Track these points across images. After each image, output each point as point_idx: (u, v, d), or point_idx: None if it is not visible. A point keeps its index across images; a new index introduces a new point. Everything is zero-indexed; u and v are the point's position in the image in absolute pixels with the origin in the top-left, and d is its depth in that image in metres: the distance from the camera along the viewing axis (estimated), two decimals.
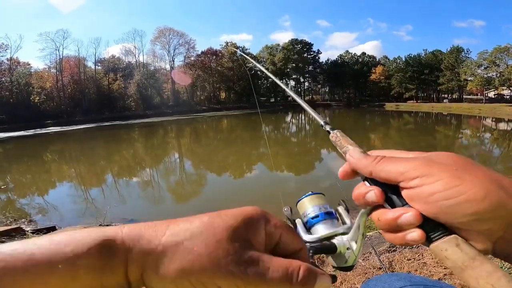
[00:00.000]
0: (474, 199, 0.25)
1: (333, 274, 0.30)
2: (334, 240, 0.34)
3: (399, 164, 0.29)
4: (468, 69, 43.49)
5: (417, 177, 0.27)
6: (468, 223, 0.26)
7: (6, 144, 22.06)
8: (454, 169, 0.27)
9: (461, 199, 0.25)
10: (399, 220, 0.28)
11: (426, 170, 0.27)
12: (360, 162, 0.32)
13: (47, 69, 42.88)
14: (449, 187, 0.26)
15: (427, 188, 0.27)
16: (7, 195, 7.92)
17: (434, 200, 0.26)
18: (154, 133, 25.59)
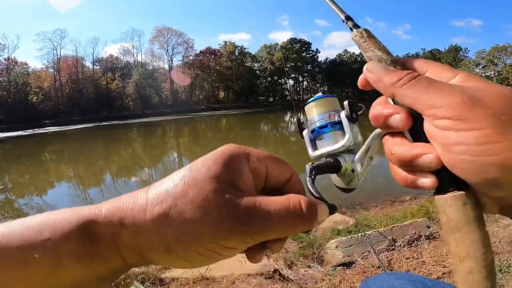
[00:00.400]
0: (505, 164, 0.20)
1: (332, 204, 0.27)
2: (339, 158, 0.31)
3: (435, 94, 0.22)
4: (466, 68, 43.60)
5: (449, 118, 0.21)
6: (484, 187, 0.22)
7: (4, 144, 21.99)
8: (501, 118, 0.20)
9: (491, 160, 0.20)
10: (417, 160, 0.24)
11: (463, 113, 0.21)
12: (382, 80, 0.26)
13: (44, 68, 42.79)
14: (483, 142, 0.20)
15: (455, 136, 0.21)
16: (5, 195, 7.92)
17: (458, 151, 0.21)
18: (153, 132, 25.54)
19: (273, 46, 57.42)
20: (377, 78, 0.26)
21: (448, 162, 0.22)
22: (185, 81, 48.14)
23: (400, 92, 0.24)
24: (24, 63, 41.56)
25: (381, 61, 0.27)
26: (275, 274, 2.31)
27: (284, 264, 2.44)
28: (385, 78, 0.25)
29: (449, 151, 0.22)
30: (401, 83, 0.24)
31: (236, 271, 2.26)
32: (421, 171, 0.24)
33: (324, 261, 2.42)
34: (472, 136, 0.21)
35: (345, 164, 0.30)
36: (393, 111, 0.25)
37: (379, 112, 0.26)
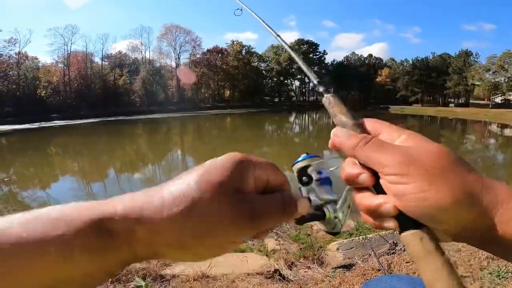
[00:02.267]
0: (440, 205, 0.27)
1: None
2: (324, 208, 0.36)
3: (382, 155, 0.29)
4: (476, 73, 43.06)
5: (395, 175, 0.28)
6: (430, 223, 0.28)
7: (11, 136, 22.30)
8: (430, 172, 0.27)
9: (429, 203, 0.27)
10: (379, 210, 0.30)
11: (404, 170, 0.28)
12: (344, 144, 0.32)
13: (54, 63, 43.32)
14: (419, 191, 0.27)
15: (401, 188, 0.28)
16: (9, 187, 7.99)
17: (406, 199, 0.28)
18: (158, 129, 25.69)
19: (280, 47, 57.13)
20: (342, 142, 0.32)
21: (402, 208, 0.29)
22: (191, 79, 48.34)
23: (358, 154, 0.30)
24: (34, 58, 42.17)
25: (344, 126, 0.33)
26: (275, 274, 2.30)
27: (284, 264, 2.43)
28: (347, 143, 0.31)
29: (400, 200, 0.28)
30: (359, 147, 0.30)
31: (237, 270, 2.26)
32: (384, 217, 0.30)
33: (324, 262, 2.41)
34: (411, 188, 0.27)
35: (329, 213, 0.35)
36: (359, 172, 0.31)
37: (349, 173, 0.31)
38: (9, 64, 37.35)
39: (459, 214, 0.27)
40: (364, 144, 0.30)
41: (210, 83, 53.15)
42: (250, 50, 55.21)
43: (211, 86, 53.49)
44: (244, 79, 53.22)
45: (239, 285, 2.09)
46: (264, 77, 57.74)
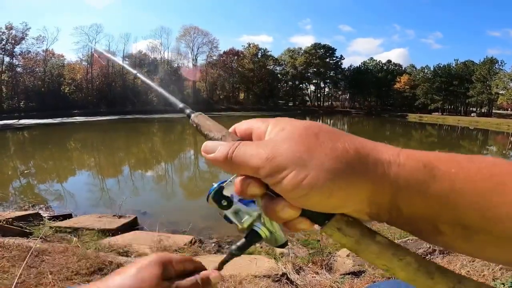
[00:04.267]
0: (323, 188, 0.24)
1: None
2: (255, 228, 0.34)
3: (250, 158, 0.26)
4: (500, 82, 41.38)
5: (270, 175, 0.25)
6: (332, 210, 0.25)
7: (33, 130, 23.29)
8: (298, 156, 0.25)
9: (314, 192, 0.24)
10: (281, 215, 0.27)
11: (273, 166, 0.25)
12: (216, 160, 0.28)
13: (79, 61, 45.08)
14: (297, 182, 0.24)
15: (280, 187, 0.25)
16: (28, 180, 8.28)
17: (292, 196, 0.25)
18: (173, 128, 26.15)
19: (297, 51, 57.21)
20: (213, 159, 0.28)
21: (298, 205, 0.26)
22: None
23: (234, 168, 0.27)
24: (60, 55, 44.10)
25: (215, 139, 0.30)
26: (282, 277, 2.28)
27: (292, 268, 2.40)
28: (217, 158, 0.28)
29: (291, 199, 0.25)
30: (229, 158, 0.27)
31: (244, 272, 2.25)
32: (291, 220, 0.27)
33: (332, 268, 2.36)
34: (287, 182, 0.24)
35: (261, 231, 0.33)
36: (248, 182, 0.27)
37: (238, 189, 0.28)
38: (36, 61, 39.13)
39: (347, 192, 0.24)
40: (231, 153, 0.27)
41: (225, 85, 53.66)
42: (266, 53, 55.41)
43: (226, 88, 54.00)
44: (259, 82, 53.41)
45: (246, 287, 2.08)
46: (279, 81, 57.74)
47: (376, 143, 0.26)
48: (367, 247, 0.25)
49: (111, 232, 3.67)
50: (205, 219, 4.98)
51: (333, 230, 0.26)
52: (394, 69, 57.84)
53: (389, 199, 0.24)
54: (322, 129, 0.26)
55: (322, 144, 0.25)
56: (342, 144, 0.25)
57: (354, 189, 0.24)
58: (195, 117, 0.35)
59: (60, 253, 2.37)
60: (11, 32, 36.19)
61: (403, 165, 0.24)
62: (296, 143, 0.25)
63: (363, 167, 0.24)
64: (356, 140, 0.26)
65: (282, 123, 0.28)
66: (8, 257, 2.20)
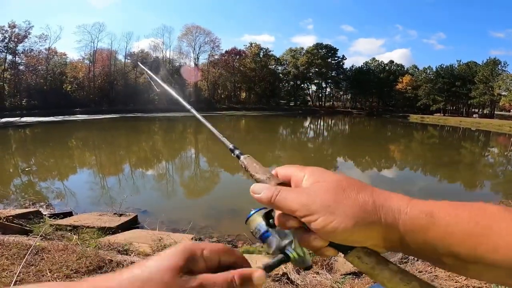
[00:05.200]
0: (345, 230, 0.31)
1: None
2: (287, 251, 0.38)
3: (290, 202, 0.34)
4: (503, 83, 41.21)
5: (304, 216, 0.33)
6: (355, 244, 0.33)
7: (35, 128, 23.32)
8: (328, 205, 0.32)
9: (338, 232, 0.32)
10: (312, 245, 0.34)
11: (309, 210, 0.33)
12: (262, 200, 0.36)
13: (81, 60, 45.17)
14: (326, 224, 0.32)
15: (314, 225, 0.33)
16: (29, 177, 8.31)
17: (323, 233, 0.33)
18: (174, 127, 26.17)
19: (298, 50, 57.13)
20: (260, 199, 0.36)
21: (327, 239, 0.33)
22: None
23: (275, 207, 0.36)
24: (63, 54, 44.20)
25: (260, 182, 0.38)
26: (283, 277, 2.26)
27: (292, 268, 2.39)
28: (263, 200, 0.36)
29: (321, 234, 0.33)
30: (272, 200, 0.35)
31: None
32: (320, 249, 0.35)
33: (333, 268, 2.35)
34: (320, 223, 0.32)
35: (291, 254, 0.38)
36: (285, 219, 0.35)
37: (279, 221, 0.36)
38: (38, 59, 39.22)
39: (365, 233, 0.32)
40: (275, 197, 0.35)
41: (227, 84, 53.65)
42: (268, 53, 55.36)
43: (227, 87, 53.99)
44: (261, 82, 53.37)
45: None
46: (281, 81, 57.69)
47: (391, 194, 0.33)
48: (380, 272, 0.32)
49: (111, 231, 3.66)
50: (206, 218, 4.98)
51: (354, 258, 0.33)
52: (396, 69, 57.66)
53: (399, 238, 0.31)
54: (349, 183, 0.34)
55: (347, 197, 0.33)
56: (363, 197, 0.32)
57: (370, 231, 0.32)
58: (244, 159, 0.42)
59: (60, 251, 2.36)
60: (14, 30, 36.32)
61: (409, 214, 0.31)
62: (327, 194, 0.33)
63: (378, 215, 0.31)
64: (374, 192, 0.33)
65: (317, 174, 0.36)
66: (7, 255, 2.19)
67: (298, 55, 55.98)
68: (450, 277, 1.92)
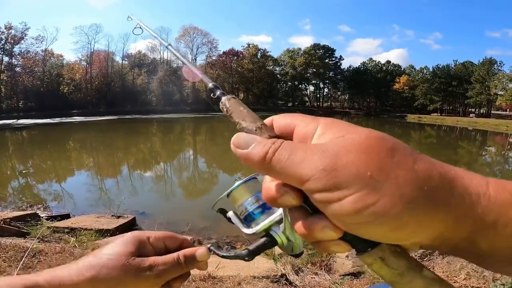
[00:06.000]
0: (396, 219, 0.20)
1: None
2: (272, 232, 0.31)
3: (299, 164, 0.21)
4: (499, 83, 41.49)
5: (322, 191, 0.21)
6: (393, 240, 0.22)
7: (32, 130, 23.21)
8: (368, 175, 0.20)
9: (381, 221, 0.20)
10: (318, 235, 0.23)
11: (331, 181, 0.20)
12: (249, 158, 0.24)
13: (78, 61, 45.06)
14: (360, 207, 0.20)
15: (335, 206, 0.21)
16: (26, 180, 8.25)
17: (346, 221, 0.21)
18: (172, 128, 26.12)
19: (296, 51, 57.24)
20: (245, 156, 0.24)
21: (346, 229, 0.22)
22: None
23: (270, 171, 0.23)
24: (59, 55, 44.09)
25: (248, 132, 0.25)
26: (281, 278, 2.26)
27: (291, 269, 2.39)
28: (251, 157, 0.23)
29: (339, 222, 0.21)
30: (267, 160, 0.23)
31: (243, 273, 2.24)
32: (327, 242, 0.23)
33: (332, 269, 2.35)
34: (349, 203, 0.20)
35: (280, 237, 0.30)
36: (283, 192, 0.23)
37: (269, 195, 0.24)
38: (35, 61, 39.06)
39: (423, 225, 0.20)
40: (272, 154, 0.22)
41: (225, 85, 53.61)
42: (266, 54, 55.44)
43: (225, 88, 53.74)
44: (259, 83, 53.43)
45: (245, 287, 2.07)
46: (279, 81, 57.74)
47: (458, 168, 0.22)
48: (410, 281, 0.22)
49: (109, 233, 3.64)
50: (204, 219, 4.97)
51: (375, 260, 0.22)
52: (393, 69, 57.91)
53: (467, 236, 0.21)
54: (397, 144, 0.22)
55: (399, 164, 0.21)
56: (423, 166, 0.21)
57: (430, 223, 0.20)
58: (226, 100, 0.29)
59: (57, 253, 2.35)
60: (10, 31, 36.19)
61: (494, 198, 0.20)
62: (366, 156, 0.21)
63: (447, 199, 0.20)
64: (437, 163, 0.22)
65: (340, 127, 0.23)
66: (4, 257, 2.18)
67: (296, 56, 56.09)
68: (449, 277, 1.93)
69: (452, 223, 0.20)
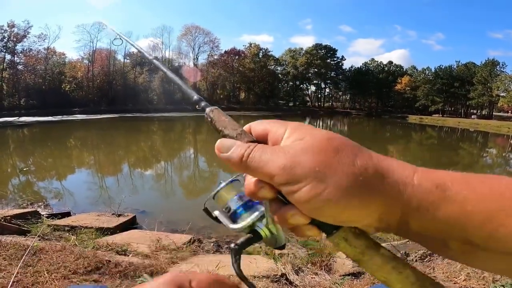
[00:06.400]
0: (337, 204, 0.25)
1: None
2: (256, 228, 0.33)
3: (266, 164, 0.26)
4: (501, 84, 41.36)
5: (285, 184, 0.26)
6: (344, 223, 0.26)
7: (33, 128, 23.26)
8: (316, 170, 0.25)
9: (328, 206, 0.25)
10: (290, 221, 0.28)
11: (291, 176, 0.25)
12: (230, 160, 0.29)
13: (80, 59, 45.13)
14: (313, 195, 0.25)
15: (296, 196, 0.26)
16: (27, 177, 8.26)
17: (306, 208, 0.26)
18: (173, 127, 26.16)
19: (298, 51, 57.21)
20: (227, 158, 0.29)
21: (310, 215, 0.26)
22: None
23: (247, 170, 0.28)
24: (62, 53, 44.12)
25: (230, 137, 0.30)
26: (281, 278, 2.26)
27: (291, 269, 2.38)
28: (231, 159, 0.28)
29: (304, 209, 0.26)
30: (243, 160, 0.27)
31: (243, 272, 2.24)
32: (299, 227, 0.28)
33: (332, 269, 2.35)
34: (304, 193, 0.25)
35: (263, 230, 0.32)
36: (258, 187, 0.28)
37: (249, 190, 0.28)
38: (37, 59, 39.12)
39: (360, 209, 0.25)
40: (247, 156, 0.27)
41: (226, 84, 53.66)
42: (267, 53, 55.41)
43: (226, 87, 54.01)
44: (260, 82, 53.42)
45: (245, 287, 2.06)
46: (280, 81, 57.71)
47: (393, 160, 0.27)
48: (370, 258, 0.26)
49: (110, 231, 3.65)
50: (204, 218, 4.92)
51: (340, 240, 0.27)
52: (395, 70, 57.79)
53: (400, 217, 0.25)
54: (342, 143, 0.27)
55: (341, 160, 0.25)
56: (361, 161, 0.25)
57: (367, 207, 0.25)
58: (210, 112, 0.34)
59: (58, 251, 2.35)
60: (13, 30, 36.24)
61: (417, 186, 0.24)
62: (315, 155, 0.26)
63: (379, 187, 0.25)
64: (374, 157, 0.26)
65: (302, 131, 0.28)
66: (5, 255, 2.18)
67: (297, 56, 56.06)
68: (449, 278, 1.92)
69: (385, 207, 0.25)
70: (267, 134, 0.30)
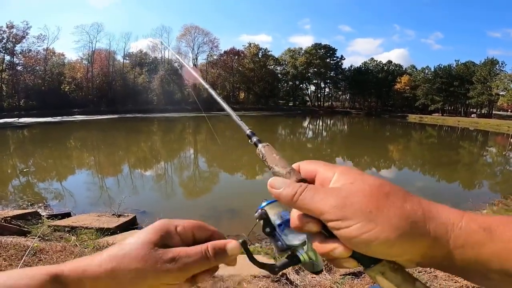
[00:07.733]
0: (386, 242, 0.27)
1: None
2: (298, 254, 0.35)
3: (317, 202, 0.30)
4: (501, 83, 41.34)
5: (335, 220, 0.29)
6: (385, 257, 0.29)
7: (33, 128, 23.22)
8: (368, 211, 0.28)
9: (376, 243, 0.27)
10: (332, 254, 0.30)
11: (340, 214, 0.28)
12: (281, 197, 0.32)
13: (79, 60, 45.05)
14: (363, 232, 0.28)
15: (345, 232, 0.28)
16: (27, 178, 8.26)
17: (353, 243, 0.29)
18: (173, 128, 26.12)
19: (297, 51, 57.12)
20: (278, 195, 0.32)
21: (354, 249, 0.29)
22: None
23: (297, 206, 0.31)
24: (61, 54, 44.05)
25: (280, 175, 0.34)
26: (282, 278, 2.26)
27: (292, 268, 2.38)
28: (283, 196, 0.32)
29: (349, 243, 0.29)
30: (295, 198, 0.31)
31: (244, 272, 2.23)
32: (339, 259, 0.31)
33: (332, 269, 2.35)
34: (355, 230, 0.28)
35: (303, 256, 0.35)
36: (304, 221, 0.31)
37: (296, 223, 0.32)
38: (36, 60, 39.04)
39: (407, 246, 0.28)
40: (299, 194, 0.31)
41: (226, 84, 53.61)
42: (267, 53, 55.34)
43: (226, 87, 53.96)
44: (260, 82, 53.36)
45: (246, 287, 2.06)
46: (280, 81, 57.65)
47: (440, 205, 0.29)
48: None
49: (110, 231, 3.65)
50: (205, 218, 4.96)
51: (377, 274, 0.29)
52: (395, 69, 57.73)
53: (444, 254, 0.28)
54: (393, 189, 0.30)
55: (392, 204, 0.28)
56: (410, 205, 0.28)
57: (414, 245, 0.28)
58: (262, 147, 0.37)
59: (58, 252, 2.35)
60: (12, 30, 36.13)
61: (464, 227, 0.27)
62: (367, 198, 0.29)
63: (427, 227, 0.27)
64: (423, 202, 0.29)
65: (351, 175, 0.31)
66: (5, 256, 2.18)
67: (297, 55, 56.00)
68: (450, 277, 1.92)
69: (431, 245, 0.27)
70: (315, 175, 0.33)
